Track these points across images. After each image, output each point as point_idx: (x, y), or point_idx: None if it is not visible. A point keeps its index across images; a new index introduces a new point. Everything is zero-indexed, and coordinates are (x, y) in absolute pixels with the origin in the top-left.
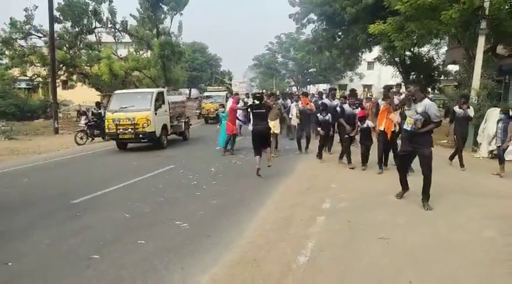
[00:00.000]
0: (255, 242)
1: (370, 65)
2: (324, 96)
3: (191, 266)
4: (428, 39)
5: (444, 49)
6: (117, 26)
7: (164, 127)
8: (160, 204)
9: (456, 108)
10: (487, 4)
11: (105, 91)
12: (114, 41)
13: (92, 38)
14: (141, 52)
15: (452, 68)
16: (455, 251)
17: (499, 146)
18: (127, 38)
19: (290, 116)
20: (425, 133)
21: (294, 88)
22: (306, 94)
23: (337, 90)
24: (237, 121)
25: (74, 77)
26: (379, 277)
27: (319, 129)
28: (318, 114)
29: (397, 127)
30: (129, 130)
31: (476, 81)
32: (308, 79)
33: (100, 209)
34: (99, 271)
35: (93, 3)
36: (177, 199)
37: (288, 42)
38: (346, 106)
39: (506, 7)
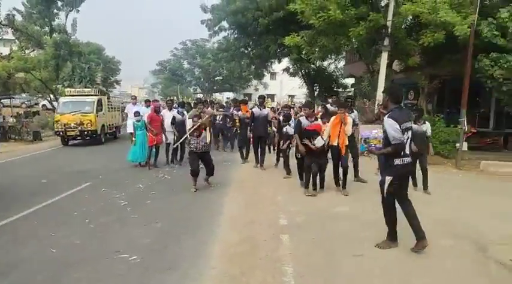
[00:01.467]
0: (227, 272)
1: (273, 75)
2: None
3: None
4: (336, 53)
5: (342, 63)
6: (1, 21)
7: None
8: (92, 233)
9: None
10: (389, 23)
11: None
12: None
13: None
14: (27, 51)
15: (349, 80)
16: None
17: None
18: (9, 35)
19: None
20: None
21: (200, 96)
22: (245, 102)
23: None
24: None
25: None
26: None
27: (281, 142)
28: (285, 127)
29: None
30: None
31: (380, 93)
32: (214, 87)
33: (15, 243)
34: None
35: None
36: (111, 225)
37: (194, 49)
38: (303, 120)
39: (404, 27)
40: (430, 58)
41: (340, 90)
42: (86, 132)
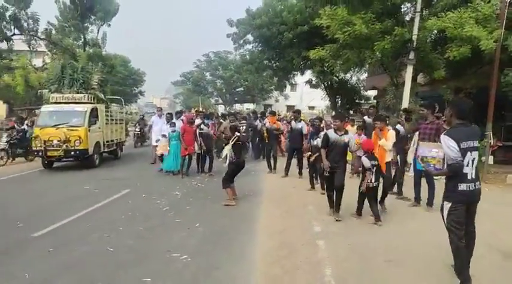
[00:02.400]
0: (271, 273)
1: (294, 86)
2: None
3: None
4: (360, 66)
5: (364, 75)
6: (40, 35)
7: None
8: (142, 234)
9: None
10: (414, 37)
11: (18, 105)
12: (28, 49)
13: (2, 45)
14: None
15: (372, 93)
16: None
17: None
18: (42, 47)
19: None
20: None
21: (222, 107)
22: (273, 114)
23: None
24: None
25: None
26: None
27: (309, 153)
28: (312, 140)
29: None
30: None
31: (405, 106)
32: (236, 98)
33: (73, 243)
34: None
35: (13, 8)
36: (157, 228)
37: (216, 61)
38: (331, 133)
39: (429, 41)
40: (455, 71)
41: (362, 102)
42: (73, 152)
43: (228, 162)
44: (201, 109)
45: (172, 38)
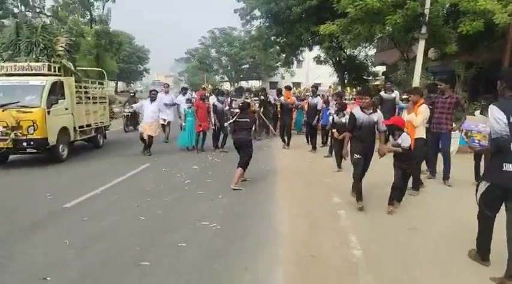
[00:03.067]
0: (297, 237)
1: (300, 63)
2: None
3: (257, 264)
4: (370, 41)
5: (372, 51)
6: (46, 12)
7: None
8: (169, 205)
9: None
10: (427, 11)
11: None
12: None
13: (7, 22)
14: None
15: (380, 68)
16: None
17: None
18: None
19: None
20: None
21: (228, 84)
22: (289, 88)
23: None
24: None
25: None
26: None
27: (334, 130)
28: (334, 115)
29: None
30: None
31: (416, 81)
32: (241, 76)
33: (104, 213)
34: (160, 278)
35: None
36: (182, 199)
37: (221, 37)
38: (357, 112)
39: (441, 14)
40: (466, 46)
41: (370, 78)
42: (25, 143)
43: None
44: (209, 86)
45: (177, 14)
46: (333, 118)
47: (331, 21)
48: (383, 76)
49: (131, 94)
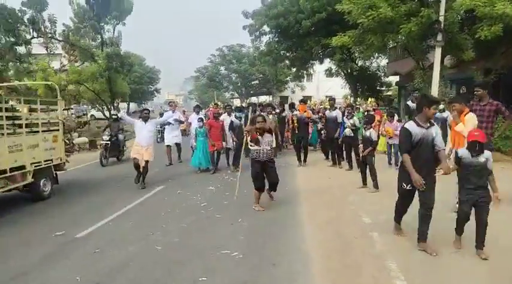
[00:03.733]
0: (330, 267)
1: (309, 77)
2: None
3: None
4: (383, 51)
5: (384, 61)
6: (58, 36)
7: None
8: (187, 231)
9: None
10: (442, 18)
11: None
12: (46, 52)
13: (20, 49)
14: (76, 64)
15: (393, 78)
16: None
17: None
18: (59, 50)
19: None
20: None
21: (238, 101)
22: (304, 102)
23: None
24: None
25: (1, 92)
26: None
27: (360, 145)
28: (363, 129)
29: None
30: None
31: (435, 89)
32: (251, 92)
33: (117, 243)
34: None
35: (31, 11)
36: (201, 224)
37: (230, 55)
38: (412, 127)
39: (458, 20)
40: (484, 52)
41: (384, 88)
42: None
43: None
44: (219, 103)
45: (186, 34)
46: (352, 130)
47: (342, 33)
48: (396, 86)
49: (113, 116)
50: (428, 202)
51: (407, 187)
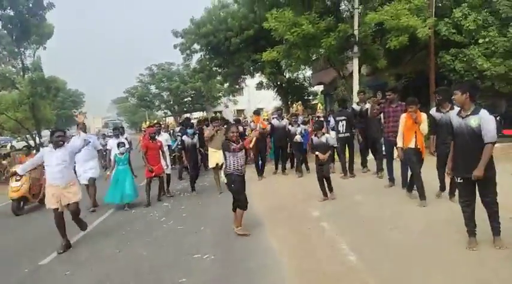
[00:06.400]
0: (294, 255)
1: (240, 90)
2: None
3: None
4: (309, 63)
5: (308, 73)
6: None
7: None
8: (154, 244)
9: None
10: (356, 32)
11: None
12: None
13: None
14: None
15: (318, 88)
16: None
17: None
18: None
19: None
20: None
21: (171, 118)
22: (257, 113)
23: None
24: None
25: None
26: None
27: (317, 152)
28: (313, 136)
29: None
30: None
31: (356, 96)
32: (184, 108)
33: (87, 263)
34: None
35: None
36: (166, 236)
37: (160, 73)
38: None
39: (370, 33)
40: (394, 59)
41: (311, 97)
42: None
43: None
44: (147, 123)
45: (112, 56)
46: (312, 139)
47: (270, 48)
48: (322, 95)
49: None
50: (489, 194)
51: (458, 180)
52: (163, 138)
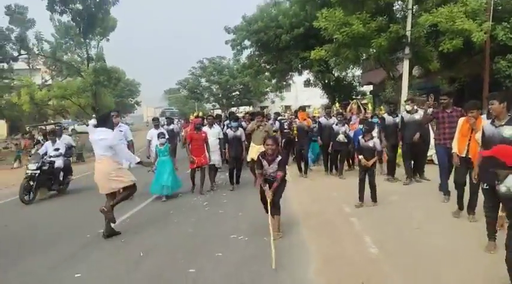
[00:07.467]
0: (321, 243)
1: (288, 87)
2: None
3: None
4: (357, 63)
5: (358, 72)
6: (44, 53)
7: None
8: (198, 224)
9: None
10: (408, 33)
11: (25, 122)
12: (27, 68)
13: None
14: (59, 79)
15: (367, 88)
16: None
17: None
18: (39, 65)
19: None
20: None
21: (219, 111)
22: (303, 109)
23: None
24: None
25: None
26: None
27: (361, 157)
28: (360, 137)
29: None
30: None
31: (404, 98)
32: (232, 102)
33: (139, 234)
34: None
35: (18, 29)
36: (208, 219)
37: (211, 67)
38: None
39: (423, 35)
40: (447, 62)
41: (359, 97)
42: None
43: None
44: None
45: (168, 48)
46: (358, 141)
47: (319, 47)
48: (371, 95)
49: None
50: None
51: (484, 186)
52: (216, 130)
